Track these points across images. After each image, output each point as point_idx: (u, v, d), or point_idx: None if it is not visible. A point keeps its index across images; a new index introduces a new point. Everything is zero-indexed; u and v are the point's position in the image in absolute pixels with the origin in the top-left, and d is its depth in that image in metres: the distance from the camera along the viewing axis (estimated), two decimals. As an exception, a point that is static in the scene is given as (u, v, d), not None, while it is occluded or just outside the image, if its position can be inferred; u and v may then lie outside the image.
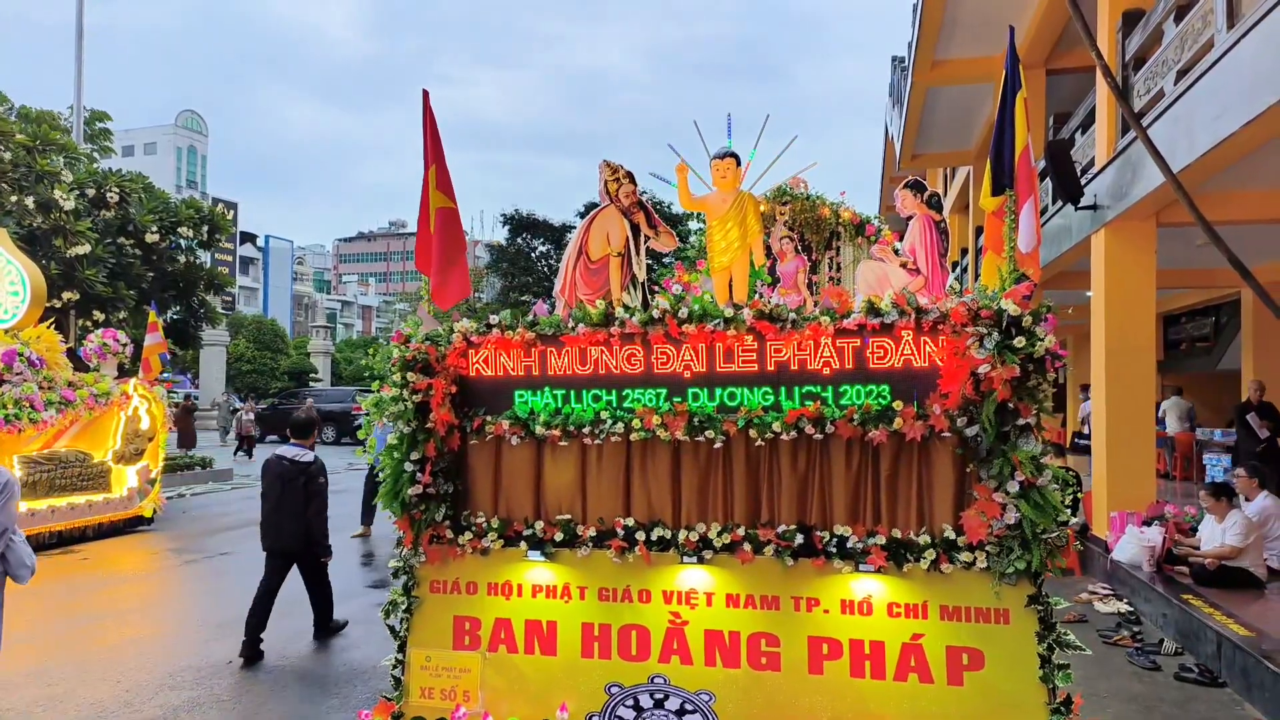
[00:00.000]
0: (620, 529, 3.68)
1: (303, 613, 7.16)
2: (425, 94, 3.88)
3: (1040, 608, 3.22)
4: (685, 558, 3.59)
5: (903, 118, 16.02)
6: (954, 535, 3.31)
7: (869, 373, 3.45)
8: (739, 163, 4.87)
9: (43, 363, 9.83)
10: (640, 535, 3.64)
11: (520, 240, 34.41)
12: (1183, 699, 5.30)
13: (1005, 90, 3.68)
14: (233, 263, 54.54)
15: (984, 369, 3.14)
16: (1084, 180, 8.81)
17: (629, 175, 5.34)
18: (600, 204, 5.37)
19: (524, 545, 3.79)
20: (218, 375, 33.98)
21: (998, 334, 3.15)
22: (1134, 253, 8.48)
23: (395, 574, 3.95)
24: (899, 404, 3.38)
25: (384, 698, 3.92)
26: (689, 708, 3.54)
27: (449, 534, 3.86)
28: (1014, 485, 3.14)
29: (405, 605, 3.90)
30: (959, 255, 18.18)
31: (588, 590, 3.73)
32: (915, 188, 6.25)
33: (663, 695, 3.57)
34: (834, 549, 3.44)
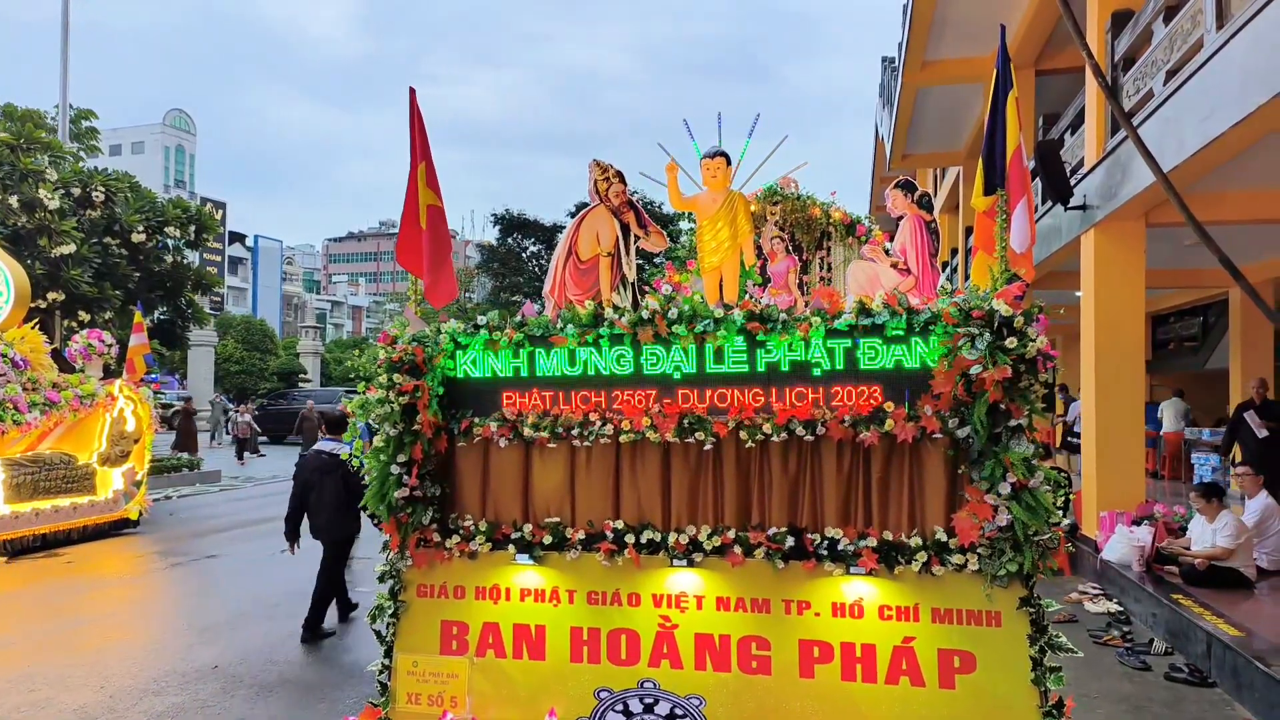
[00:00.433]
0: (609, 532, 3.64)
1: (289, 615, 7.10)
2: (412, 91, 3.83)
3: (1032, 610, 3.20)
4: (675, 560, 3.56)
5: (893, 118, 16.05)
6: (945, 537, 3.29)
7: (860, 373, 3.42)
8: (729, 162, 4.85)
9: (27, 364, 9.73)
10: (630, 538, 3.60)
11: (511, 240, 34.33)
12: (1173, 699, 5.30)
13: (996, 89, 3.65)
14: (221, 263, 54.21)
15: (975, 370, 3.11)
16: (1073, 180, 8.82)
17: (619, 174, 5.31)
18: (590, 203, 5.34)
19: (512, 548, 3.74)
20: (206, 376, 33.75)
21: (989, 334, 3.13)
22: (1123, 253, 8.50)
23: (381, 578, 3.90)
24: (890, 405, 3.35)
25: (370, 703, 3.87)
26: (679, 712, 3.50)
27: (436, 537, 3.81)
28: (1006, 487, 3.11)
29: (392, 610, 3.85)
30: (949, 255, 18.22)
31: (576, 594, 3.69)
32: (906, 188, 6.24)
33: (652, 700, 3.53)
34: (825, 551, 3.41)
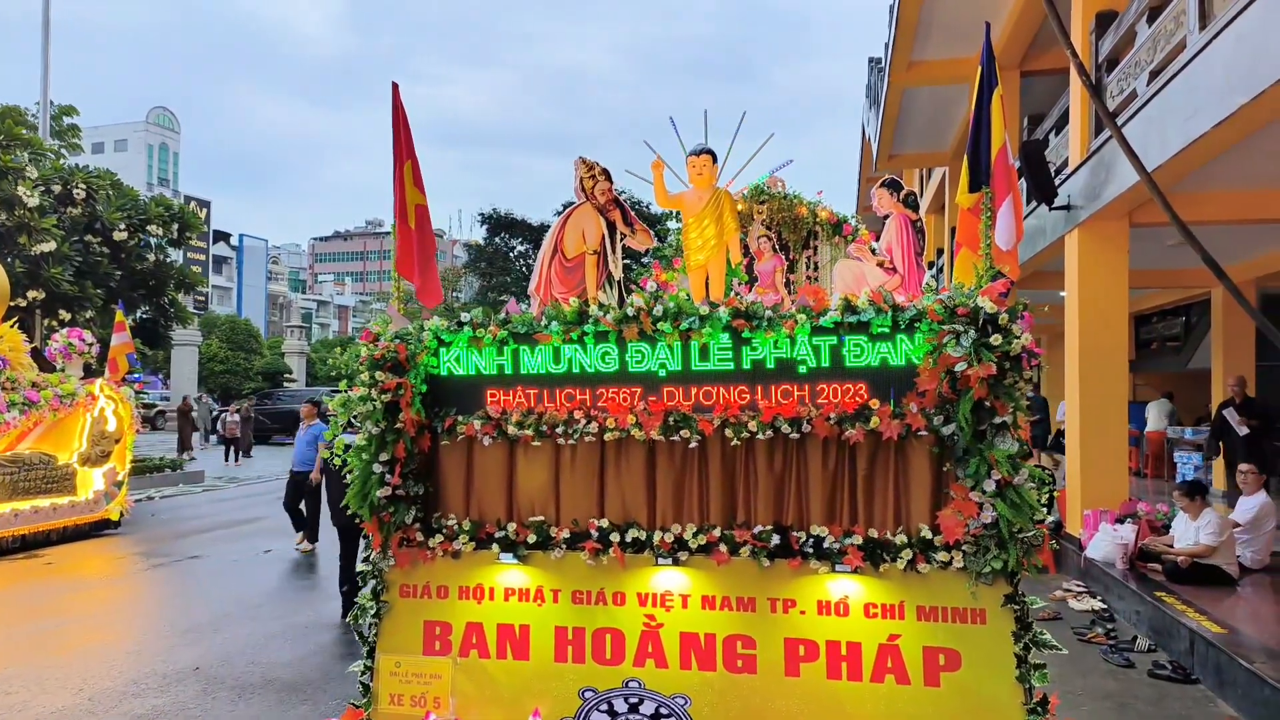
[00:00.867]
0: (594, 530, 3.61)
1: (272, 616, 7.05)
2: (394, 86, 3.79)
3: (1017, 607, 3.20)
4: (660, 559, 3.54)
5: (879, 119, 16.10)
6: (931, 535, 3.28)
7: (845, 371, 3.41)
8: (715, 159, 4.83)
9: (6, 363, 9.60)
10: (615, 537, 3.58)
11: (498, 240, 34.24)
12: (1156, 696, 5.33)
13: (981, 88, 3.65)
14: (206, 262, 53.78)
15: (960, 367, 3.11)
16: (1058, 181, 8.87)
17: (605, 172, 5.28)
18: (576, 201, 5.31)
19: (496, 548, 3.71)
20: (189, 376, 33.49)
21: (974, 331, 3.12)
22: (1107, 252, 8.55)
23: (363, 578, 3.85)
24: (876, 402, 3.34)
25: (352, 705, 3.82)
26: (664, 712, 3.48)
27: (419, 537, 3.77)
28: (990, 484, 3.11)
29: (374, 610, 3.80)
30: (935, 255, 18.30)
31: (561, 593, 3.66)
32: (892, 187, 6.26)
33: (637, 699, 3.51)
34: (810, 549, 3.40)
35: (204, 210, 33.19)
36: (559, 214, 5.34)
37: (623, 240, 5.33)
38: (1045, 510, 3.16)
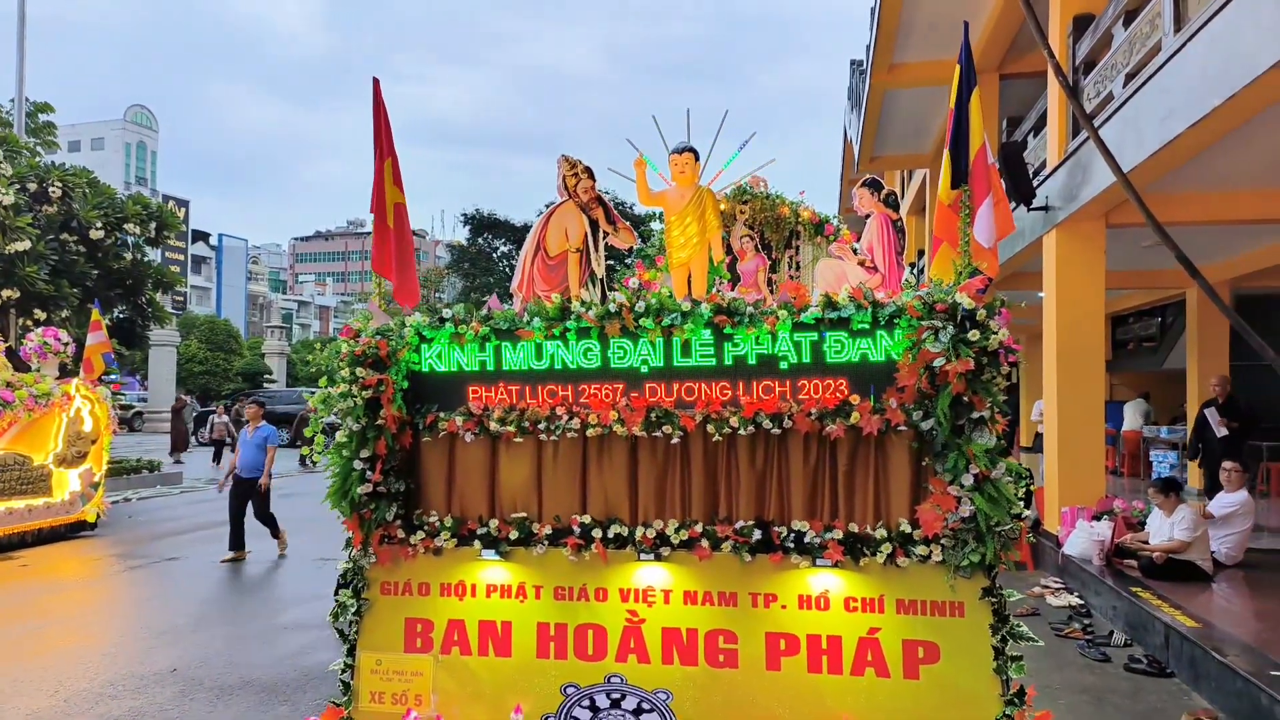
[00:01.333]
0: (576, 526, 3.62)
1: (250, 617, 6.99)
2: (375, 82, 3.77)
3: (994, 600, 3.23)
4: (642, 555, 3.54)
5: (861, 120, 16.20)
6: (910, 529, 3.31)
7: (826, 367, 3.43)
8: (697, 158, 4.85)
9: (-22, 362, 9.46)
10: (597, 533, 3.58)
11: (481, 240, 34.15)
12: (1132, 689, 5.40)
13: (960, 87, 3.69)
14: (184, 262, 53.19)
15: (939, 362, 3.14)
16: (1036, 182, 8.97)
17: (588, 170, 5.29)
18: (559, 199, 5.31)
19: (478, 544, 3.70)
20: (167, 377, 33.09)
21: (952, 327, 3.15)
22: (1084, 253, 8.65)
23: (344, 576, 3.83)
24: (856, 398, 3.37)
25: (332, 703, 3.80)
26: (646, 707, 3.49)
27: (400, 534, 3.75)
28: (968, 478, 3.14)
29: (355, 608, 3.78)
30: (916, 256, 18.43)
31: (543, 589, 3.66)
32: (872, 186, 6.31)
33: (619, 695, 3.52)
34: (792, 544, 3.42)
35: (182, 210, 32.88)
36: (542, 214, 5.34)
37: (605, 238, 5.34)
38: (1023, 504, 3.20)
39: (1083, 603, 7.31)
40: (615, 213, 5.37)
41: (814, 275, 6.89)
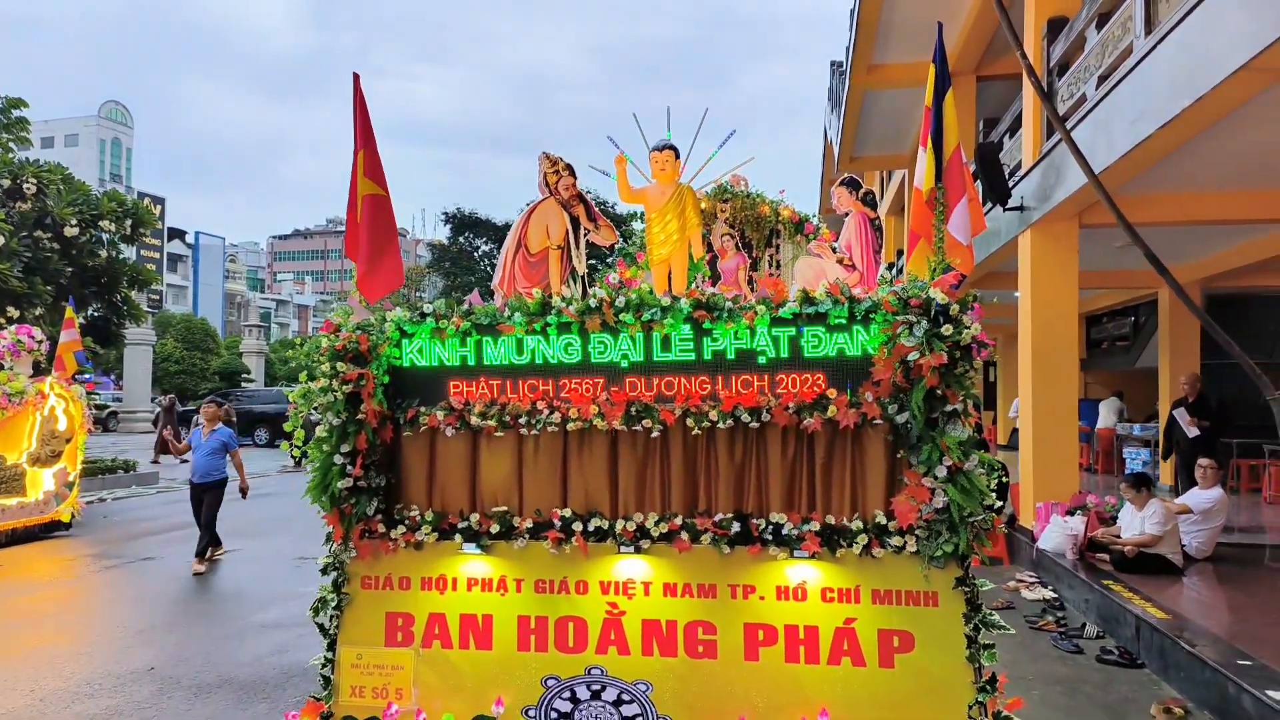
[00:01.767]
0: (557, 520, 3.64)
1: (228, 616, 6.95)
2: (355, 77, 3.78)
3: (967, 589, 3.29)
4: (623, 548, 3.57)
5: (841, 121, 16.33)
6: (885, 520, 3.37)
7: (804, 361, 3.48)
8: (678, 155, 4.89)
9: (-51, 360, 9.32)
10: (577, 526, 3.61)
11: (462, 239, 34.05)
12: (1104, 680, 5.50)
13: (936, 87, 3.76)
14: (160, 260, 52.56)
15: (913, 356, 3.19)
16: (1011, 183, 9.10)
17: (569, 167, 5.31)
18: (540, 196, 5.33)
19: (459, 538, 3.72)
20: (143, 376, 32.70)
21: (926, 322, 3.21)
22: (1057, 252, 8.79)
23: (324, 570, 3.83)
24: (833, 392, 3.42)
25: (312, 698, 3.80)
26: (626, 698, 3.52)
27: (381, 528, 3.76)
28: (942, 470, 3.20)
29: (335, 603, 3.79)
30: (895, 256, 18.61)
31: (524, 583, 3.68)
32: (851, 185, 6.38)
33: (600, 686, 3.55)
34: (770, 536, 3.46)
35: (158, 207, 32.48)
36: (523, 212, 5.36)
37: (586, 235, 5.37)
38: (995, 495, 3.26)
39: (1056, 596, 7.43)
40: (596, 210, 5.40)
41: (793, 273, 6.95)
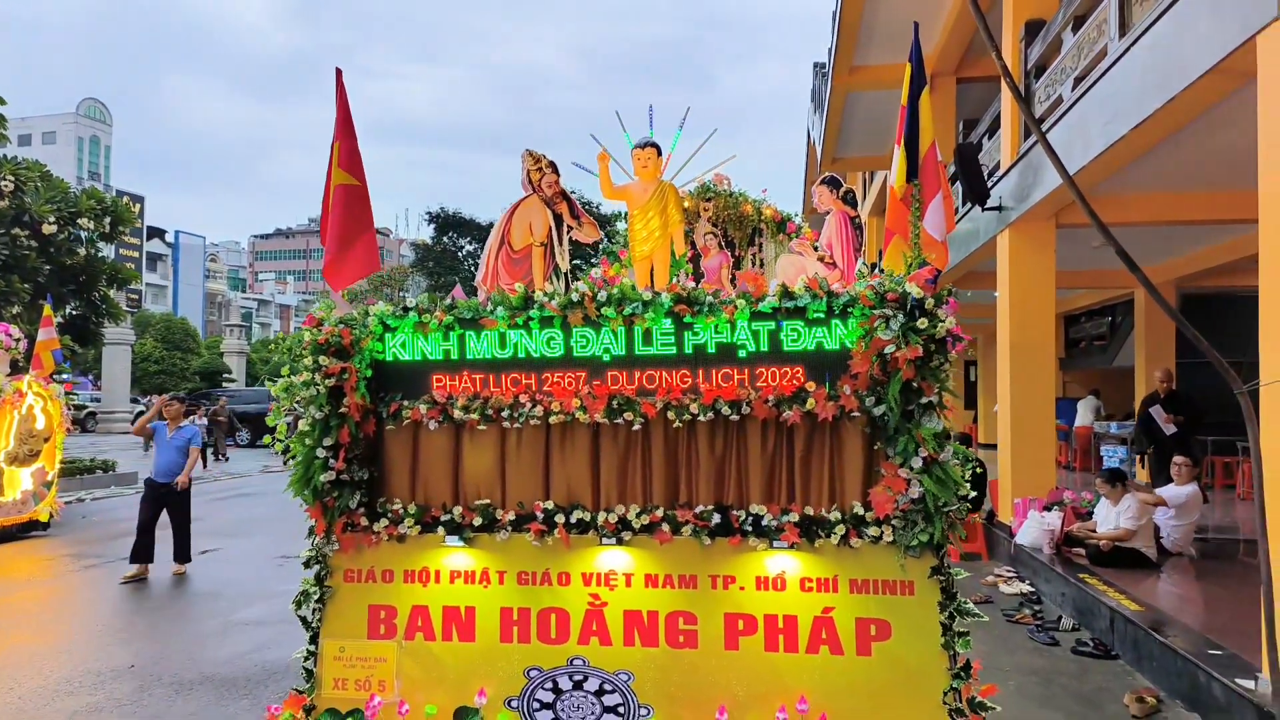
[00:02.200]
0: (539, 512, 3.67)
1: (210, 614, 6.92)
2: (339, 72, 3.80)
3: (942, 578, 3.36)
4: (604, 540, 3.61)
5: (824, 122, 16.45)
6: (863, 511, 3.42)
7: (783, 354, 3.53)
8: (660, 152, 4.94)
9: (-75, 358, 9.21)
10: (560, 518, 3.64)
11: (446, 239, 33.95)
12: (1079, 671, 5.60)
13: (912, 86, 3.82)
14: (139, 259, 52.02)
15: (890, 349, 3.25)
16: (991, 183, 9.22)
17: (552, 165, 5.34)
18: (523, 194, 5.36)
19: (442, 531, 3.74)
20: (122, 376, 32.34)
21: (902, 316, 3.27)
22: (1035, 251, 8.91)
23: (307, 564, 3.84)
24: (812, 385, 3.47)
25: (295, 691, 3.81)
26: (608, 688, 3.56)
27: (364, 521, 3.78)
28: (918, 461, 3.26)
29: (318, 596, 3.80)
30: (877, 256, 18.74)
31: (507, 574, 3.70)
32: (831, 184, 6.45)
33: (581, 677, 3.58)
34: (750, 527, 3.51)
35: (137, 205, 32.14)
36: (506, 209, 5.38)
37: (570, 232, 5.40)
38: (970, 487, 3.32)
39: (1033, 590, 7.53)
40: (579, 207, 5.44)
41: (776, 270, 7.02)
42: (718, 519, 3.54)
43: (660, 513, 3.58)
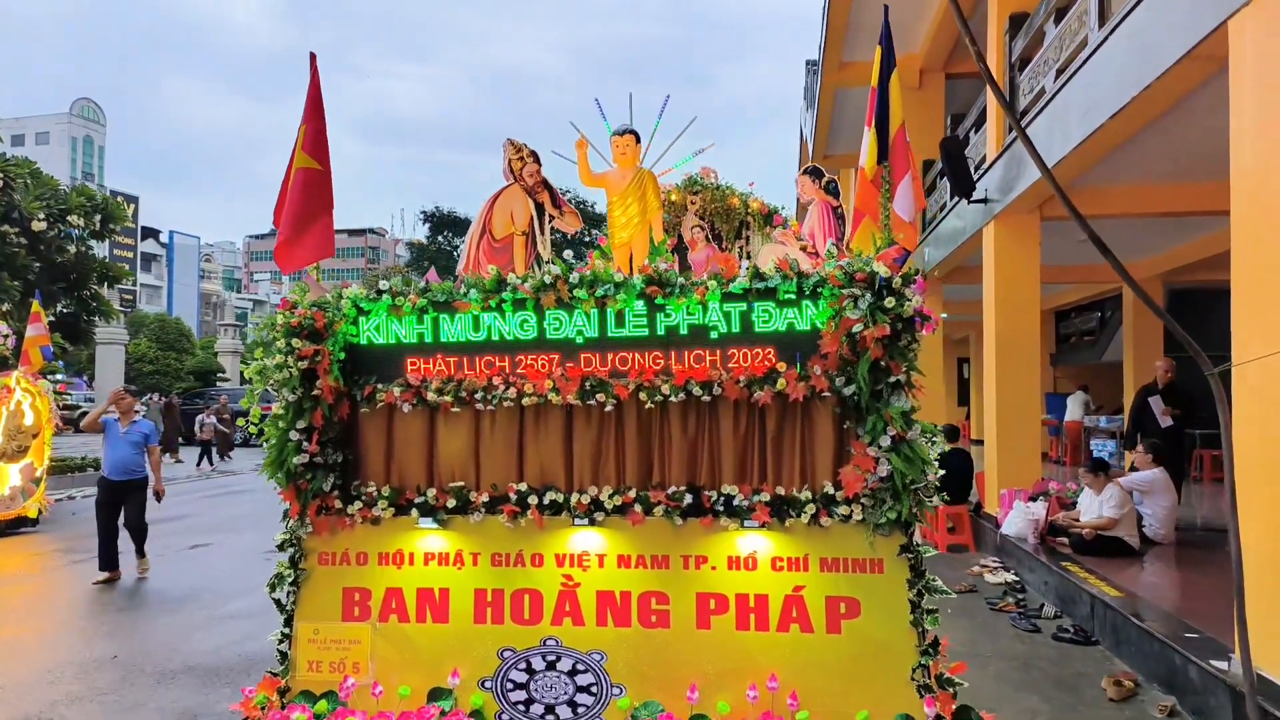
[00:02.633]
0: (513, 494, 3.68)
1: (195, 608, 6.93)
2: (313, 56, 3.82)
3: (911, 556, 3.38)
4: (577, 520, 3.62)
5: (814, 118, 16.49)
6: (833, 490, 3.44)
7: (755, 336, 3.55)
8: (639, 140, 4.95)
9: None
10: (533, 500, 3.65)
11: (441, 239, 33.97)
12: (1059, 656, 5.63)
13: (882, 68, 3.85)
14: (133, 259, 51.93)
15: (858, 328, 3.27)
16: (977, 176, 9.25)
17: (533, 154, 5.35)
18: (505, 182, 5.37)
19: (415, 513, 3.75)
20: (115, 376, 32.26)
21: (870, 295, 3.29)
22: (1019, 244, 8.94)
23: (281, 547, 3.85)
24: (783, 366, 3.49)
25: (269, 674, 3.82)
26: (580, 668, 3.57)
27: (338, 504, 3.79)
28: (886, 440, 3.28)
29: (292, 578, 3.81)
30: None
31: (480, 556, 3.71)
32: (814, 174, 6.48)
33: (555, 657, 3.59)
34: (721, 508, 3.53)
35: (131, 205, 32.08)
36: (488, 198, 5.39)
37: (551, 222, 5.41)
38: (936, 465, 3.34)
39: (1017, 579, 7.56)
40: (561, 196, 5.45)
41: (758, 259, 7.04)
42: (690, 499, 3.55)
43: (633, 494, 3.59)
